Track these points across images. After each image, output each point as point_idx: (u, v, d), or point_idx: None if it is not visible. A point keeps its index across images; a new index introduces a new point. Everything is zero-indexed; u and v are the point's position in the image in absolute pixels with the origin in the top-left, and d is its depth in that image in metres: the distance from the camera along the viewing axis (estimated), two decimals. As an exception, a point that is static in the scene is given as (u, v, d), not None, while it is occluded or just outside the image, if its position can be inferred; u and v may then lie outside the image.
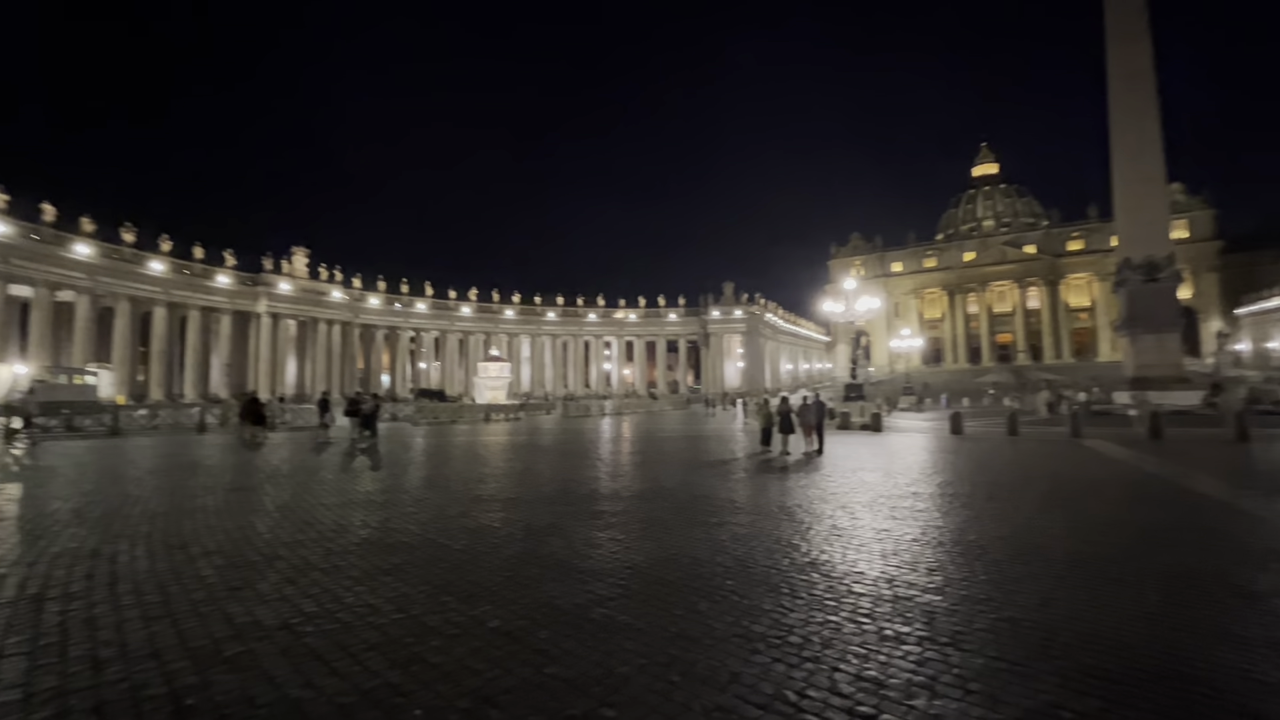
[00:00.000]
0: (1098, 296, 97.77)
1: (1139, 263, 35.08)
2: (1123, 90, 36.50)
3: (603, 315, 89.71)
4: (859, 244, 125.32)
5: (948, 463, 16.16)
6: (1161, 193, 37.65)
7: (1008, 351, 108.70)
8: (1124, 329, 37.16)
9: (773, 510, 9.88)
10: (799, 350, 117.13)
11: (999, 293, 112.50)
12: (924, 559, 6.89)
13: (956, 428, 24.52)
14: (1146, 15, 36.17)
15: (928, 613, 5.22)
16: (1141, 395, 31.39)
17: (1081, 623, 4.97)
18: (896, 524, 8.67)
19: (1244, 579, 6.05)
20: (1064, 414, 30.93)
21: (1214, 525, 8.55)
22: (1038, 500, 10.67)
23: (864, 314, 42.37)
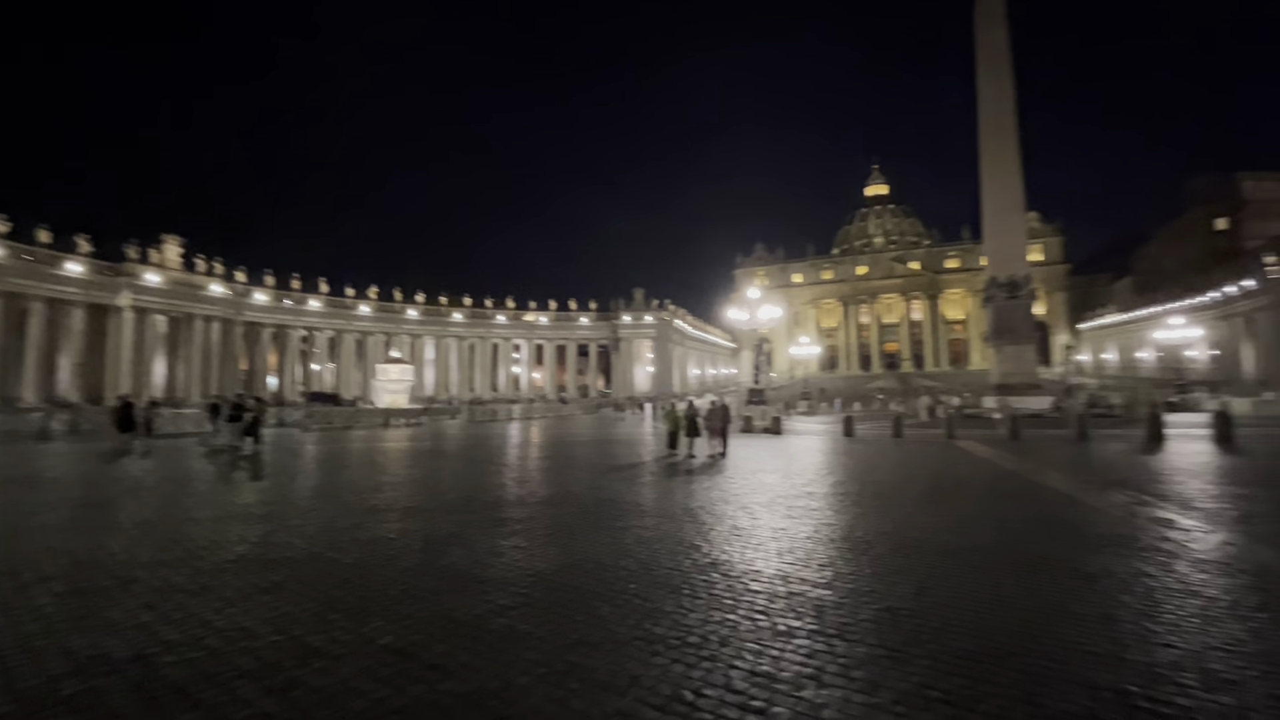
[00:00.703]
0: (970, 310, 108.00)
1: (1003, 281, 39.12)
2: (990, 132, 40.69)
3: (512, 317, 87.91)
4: (763, 255, 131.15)
5: (840, 464, 17.20)
6: (1021, 220, 42.30)
7: (895, 359, 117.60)
8: (991, 340, 41.28)
9: (677, 513, 10.07)
10: (706, 356, 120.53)
11: (887, 305, 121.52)
12: (816, 555, 7.27)
13: (848, 430, 26.15)
14: (1012, 79, 40.49)
15: (818, 606, 5.51)
16: (1004, 400, 34.98)
17: (949, 609, 5.43)
18: (792, 523, 9.10)
19: (1081, 562, 6.86)
20: (941, 417, 33.83)
21: (1059, 516, 9.65)
22: (916, 497, 11.58)
23: (766, 322, 44.25)
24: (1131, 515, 9.34)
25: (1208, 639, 4.74)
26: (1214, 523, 8.75)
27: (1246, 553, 7.19)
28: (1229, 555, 7.08)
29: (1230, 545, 7.54)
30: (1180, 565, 6.71)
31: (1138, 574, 6.42)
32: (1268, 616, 5.20)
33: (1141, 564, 6.77)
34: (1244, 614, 5.28)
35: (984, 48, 41.02)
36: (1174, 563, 6.81)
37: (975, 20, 41.46)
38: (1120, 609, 5.42)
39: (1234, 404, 33.40)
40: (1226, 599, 5.64)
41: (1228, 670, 4.20)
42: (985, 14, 40.97)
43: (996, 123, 40.39)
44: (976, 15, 41.38)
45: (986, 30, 40.93)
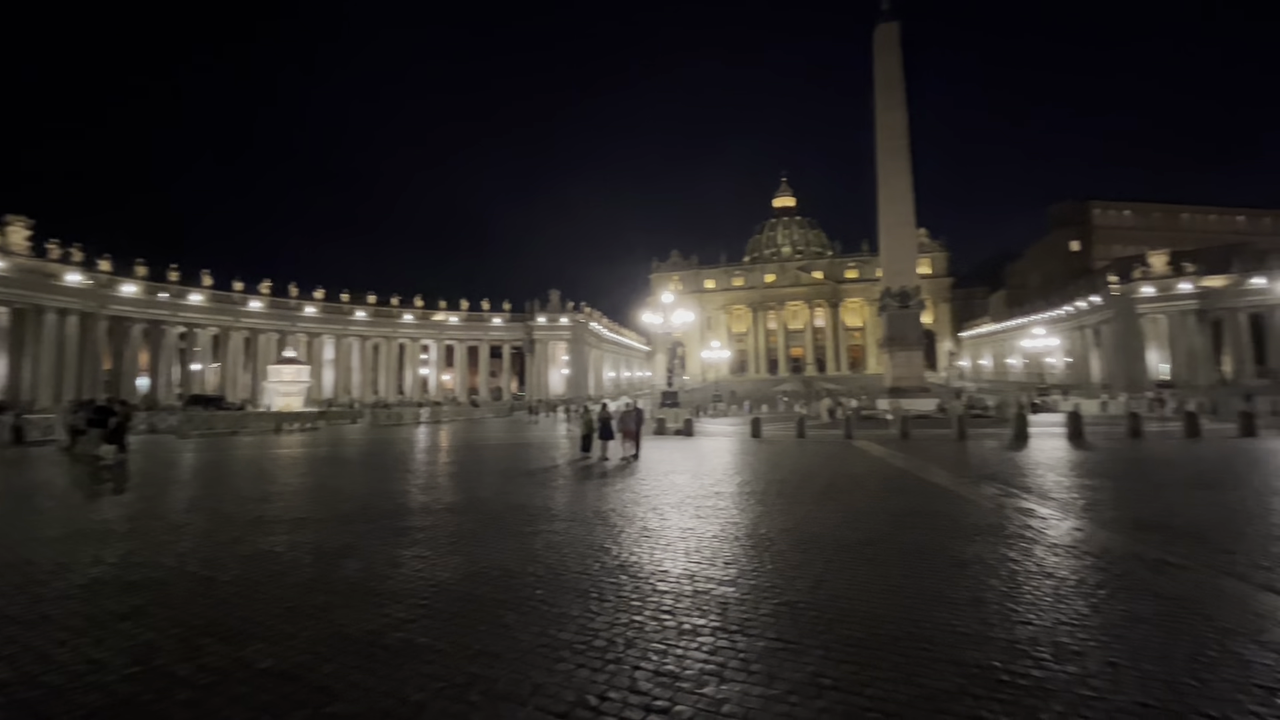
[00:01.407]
0: (868, 318, 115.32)
1: (896, 292, 42.11)
2: (886, 154, 43.77)
3: (421, 317, 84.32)
4: (678, 260, 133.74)
5: (746, 464, 17.80)
6: (912, 236, 45.73)
7: (799, 363, 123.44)
8: (885, 346, 44.28)
9: (588, 516, 10.03)
10: (622, 359, 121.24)
11: (793, 311, 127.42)
12: (722, 554, 7.47)
13: (756, 432, 27.13)
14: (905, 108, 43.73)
15: (722, 604, 5.66)
16: (896, 402, 37.61)
17: (843, 600, 5.75)
18: (700, 522, 9.31)
19: (957, 550, 7.48)
20: (840, 419, 35.84)
21: (940, 509, 10.48)
22: (816, 495, 12.18)
23: (680, 326, 45.17)
24: (1000, 506, 10.29)
25: (1059, 615, 5.30)
26: (1066, 511, 9.82)
27: (1091, 537, 8.11)
28: (1077, 540, 7.96)
29: (1079, 530, 8.48)
30: (1038, 550, 7.46)
31: (1003, 559, 7.07)
32: (1106, 593, 5.89)
33: (1007, 550, 7.47)
34: (1088, 591, 5.95)
35: (881, 77, 44.09)
36: (1033, 548, 7.56)
37: (874, 52, 44.47)
38: (988, 592, 5.95)
39: (1084, 405, 37.73)
40: (1074, 579, 6.33)
41: (1074, 642, 4.72)
42: (882, 47, 44.05)
43: (892, 146, 43.52)
44: (875, 47, 44.41)
45: (883, 62, 44.03)
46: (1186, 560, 6.84)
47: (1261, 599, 5.63)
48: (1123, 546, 7.55)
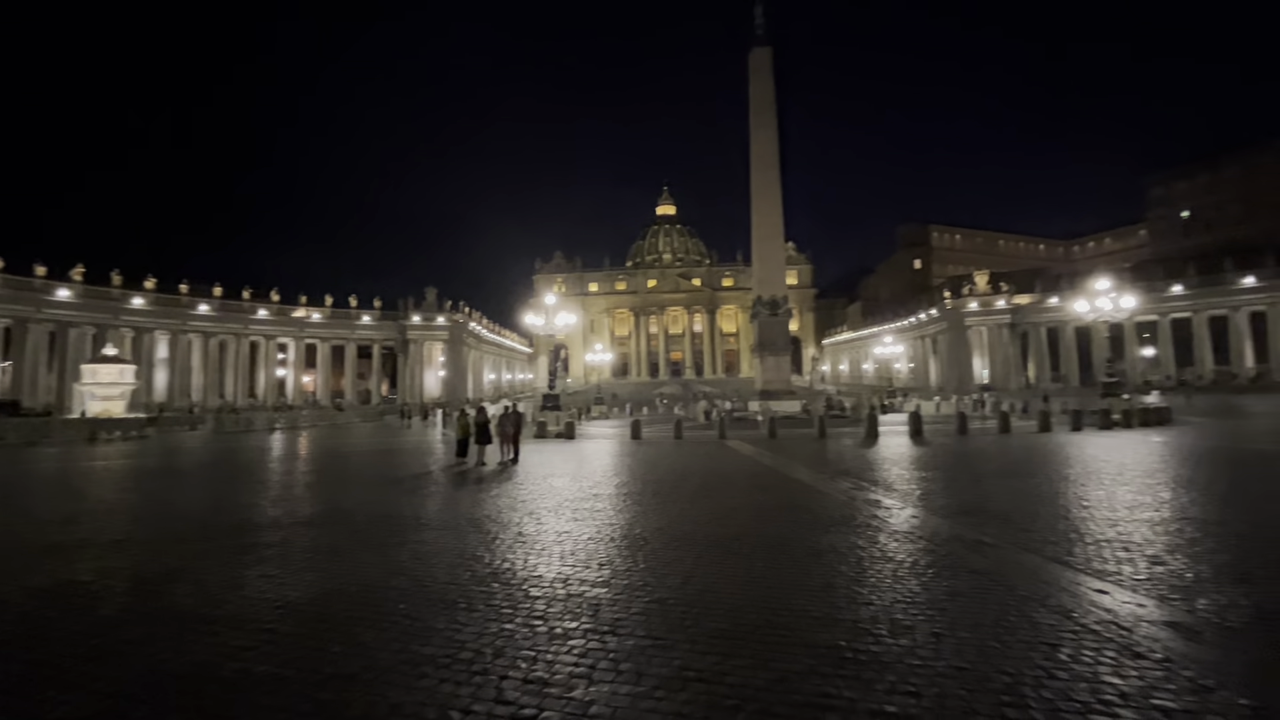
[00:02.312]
0: (741, 324, 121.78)
1: (767, 300, 44.74)
2: (759, 169, 46.48)
3: (277, 313, 76.56)
4: (561, 262, 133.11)
5: (625, 466, 18.06)
6: (782, 248, 48.86)
7: (679, 367, 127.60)
8: (756, 351, 46.93)
9: (461, 523, 9.66)
10: (503, 361, 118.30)
11: (674, 317, 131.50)
12: (597, 555, 7.51)
13: (636, 434, 27.61)
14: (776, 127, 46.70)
15: (594, 605, 5.68)
16: (766, 404, 39.96)
17: (710, 594, 6.00)
18: (577, 525, 9.29)
19: (814, 541, 8.09)
20: (715, 420, 37.47)
21: (801, 502, 11.28)
22: (690, 494, 12.62)
23: (563, 328, 44.91)
24: (851, 499, 11.28)
25: (895, 595, 5.90)
26: (905, 500, 10.97)
27: (925, 523, 9.13)
28: (914, 526, 8.92)
29: (915, 518, 9.50)
30: (882, 537, 8.26)
31: (853, 547, 7.75)
32: (934, 573, 6.65)
33: (856, 539, 8.19)
34: (919, 571, 6.68)
35: (755, 98, 46.81)
36: (878, 536, 8.36)
37: (749, 74, 47.10)
38: (838, 578, 6.49)
39: (923, 406, 42.41)
40: (909, 561, 7.08)
41: (906, 618, 5.27)
42: (756, 70, 46.79)
43: (763, 163, 46.32)
44: (749, 70, 47.06)
45: (757, 83, 46.78)
46: (996, 540, 7.91)
47: (1050, 569, 6.64)
48: (948, 530, 8.57)
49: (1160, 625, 4.95)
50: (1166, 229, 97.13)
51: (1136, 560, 6.80)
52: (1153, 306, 66.92)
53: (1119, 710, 3.69)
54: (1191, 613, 5.22)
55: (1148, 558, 6.88)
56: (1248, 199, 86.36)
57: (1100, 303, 36.03)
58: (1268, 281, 64.04)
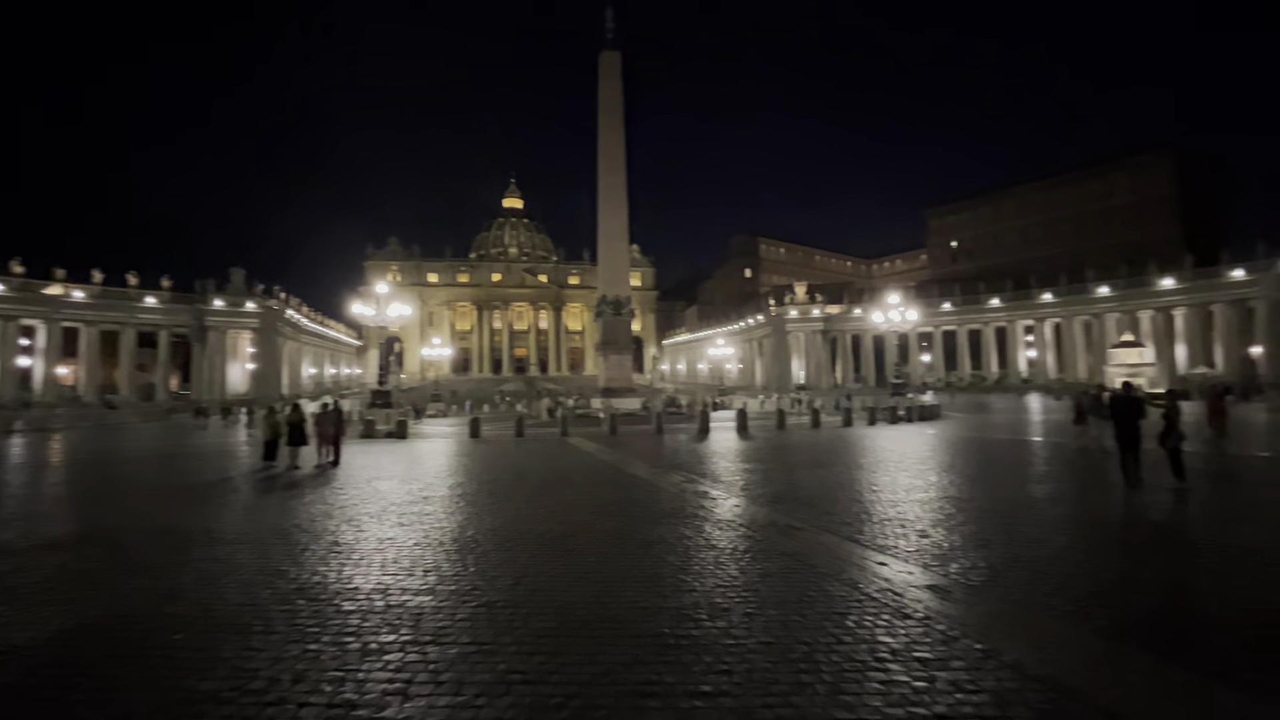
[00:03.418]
0: (587, 323, 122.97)
1: (611, 300, 45.65)
2: (606, 170, 47.26)
3: (20, 289, 61.89)
4: (398, 250, 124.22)
5: (462, 465, 17.33)
6: (626, 249, 50.15)
7: (523, 363, 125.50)
8: (600, 350, 47.70)
9: (264, 535, 8.57)
10: (327, 353, 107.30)
11: (519, 312, 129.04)
12: (423, 562, 7.08)
13: (475, 432, 26.63)
14: (624, 129, 47.82)
15: (416, 615, 5.34)
16: (608, 401, 40.77)
17: (541, 593, 5.94)
18: (403, 530, 8.70)
19: (645, 533, 8.39)
20: (558, 417, 37.42)
21: (636, 497, 11.64)
22: (528, 492, 12.44)
23: (397, 320, 41.87)
24: (682, 491, 11.88)
25: (716, 580, 6.31)
26: (729, 491, 11.81)
27: (745, 511, 9.89)
28: (735, 515, 9.62)
29: (737, 507, 10.26)
30: (707, 526, 8.80)
31: (681, 537, 8.16)
32: (750, 557, 7.22)
33: (684, 529, 8.64)
34: (738, 557, 7.21)
35: (604, 100, 47.54)
36: (704, 525, 8.89)
37: (599, 77, 47.71)
38: (665, 568, 6.79)
39: (749, 404, 46.14)
40: (730, 548, 7.62)
41: (724, 601, 5.66)
42: (606, 73, 47.52)
43: (611, 164, 47.21)
44: (599, 73, 47.67)
45: (606, 86, 47.55)
46: (804, 523, 8.80)
47: (845, 547, 7.54)
48: (765, 517, 9.38)
49: (923, 589, 5.84)
50: (941, 255, 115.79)
51: (909, 535, 7.98)
52: (930, 320, 79.40)
53: (889, 664, 4.28)
54: (946, 576, 6.24)
55: (917, 532, 8.10)
56: (995, 234, 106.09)
57: (891, 315, 41.90)
58: (1006, 303, 79.27)
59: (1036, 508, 9.97)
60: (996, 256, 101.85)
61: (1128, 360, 53.13)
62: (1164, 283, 69.23)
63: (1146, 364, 55.49)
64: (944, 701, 3.77)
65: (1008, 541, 7.60)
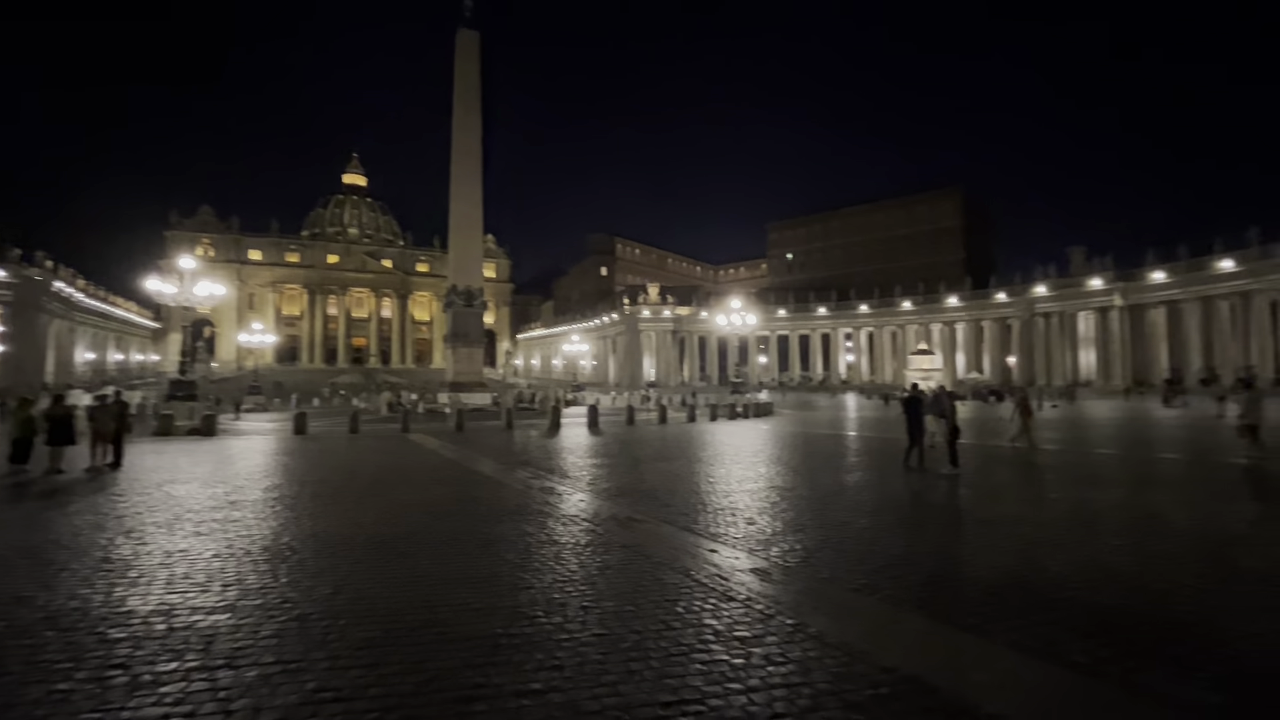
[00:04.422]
0: (436, 314, 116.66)
1: (462, 290, 43.74)
2: (461, 156, 45.16)
3: None
4: (210, 220, 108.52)
5: (282, 465, 15.59)
6: (480, 240, 48.34)
7: (362, 354, 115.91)
8: (449, 342, 45.49)
9: (5, 555, 7.00)
10: (112, 336, 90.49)
11: (358, 299, 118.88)
12: (222, 575, 6.24)
13: (300, 428, 24.09)
14: (480, 114, 45.94)
15: (207, 637, 4.68)
16: (456, 396, 39.04)
17: (364, 601, 5.51)
18: (199, 541, 7.60)
19: (485, 532, 8.14)
20: (400, 413, 35.10)
21: (479, 494, 11.26)
22: (358, 493, 11.51)
23: (207, 300, 36.61)
24: (528, 488, 11.72)
25: (555, 575, 6.29)
26: (575, 486, 11.86)
27: (589, 505, 9.99)
28: (580, 509, 9.68)
29: (582, 501, 10.34)
30: (550, 522, 8.75)
31: (523, 535, 8.03)
32: (591, 550, 7.30)
33: (527, 526, 8.51)
34: (579, 551, 7.25)
35: (460, 82, 45.30)
36: (548, 521, 8.83)
37: (455, 57, 45.35)
38: (503, 566, 6.64)
39: (602, 400, 46.78)
40: (571, 542, 7.64)
41: (561, 596, 5.65)
42: (463, 53, 45.31)
43: (465, 150, 45.16)
44: (456, 53, 45.33)
45: (463, 67, 45.35)
46: (644, 516, 9.10)
47: (681, 537, 7.90)
48: (608, 510, 9.54)
49: (746, 572, 6.31)
50: (778, 265, 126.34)
51: (738, 522, 8.58)
52: (767, 325, 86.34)
53: (712, 645, 4.55)
54: (767, 559, 6.79)
55: (745, 520, 8.74)
56: (825, 250, 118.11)
57: (733, 319, 44.86)
58: (831, 312, 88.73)
59: (845, 494, 11.24)
60: (825, 269, 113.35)
61: (922, 365, 61.94)
62: (950, 301, 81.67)
63: (936, 369, 65.10)
64: (757, 675, 4.09)
65: (820, 525, 8.47)
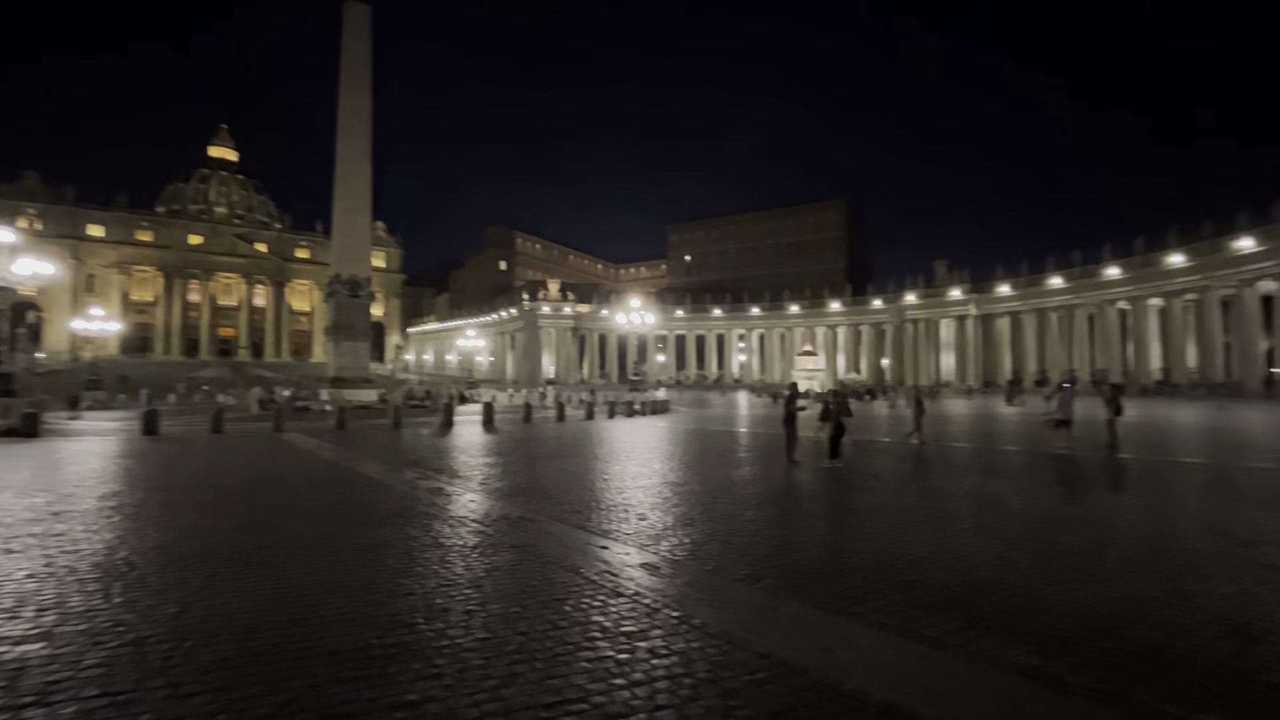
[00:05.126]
0: (317, 304, 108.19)
1: (346, 279, 40.94)
2: (347, 136, 42.20)
3: None
4: (37, 188, 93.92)
5: (125, 470, 13.80)
6: (368, 225, 45.47)
7: (230, 346, 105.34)
8: (331, 335, 42.42)
9: None
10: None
11: (226, 285, 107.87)
12: (39, 598, 5.40)
13: (150, 428, 21.47)
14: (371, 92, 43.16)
15: (13, 672, 4.02)
16: (338, 392, 36.52)
17: (218, 618, 4.98)
18: (8, 559, 6.54)
19: (364, 537, 7.64)
20: (273, 410, 32.24)
21: (360, 497, 10.58)
22: (219, 499, 10.43)
23: (30, 280, 31.73)
24: (414, 489, 11.16)
25: (439, 580, 6.02)
26: (466, 486, 11.46)
27: (479, 506, 9.68)
28: (469, 510, 9.36)
29: (472, 502, 10.00)
30: (437, 524, 8.38)
31: (406, 538, 7.63)
32: (479, 552, 7.07)
33: (411, 529, 8.10)
34: (466, 553, 7.00)
35: (348, 57, 42.26)
36: (434, 523, 8.45)
37: (343, 30, 42.29)
38: (383, 572, 6.26)
39: (498, 397, 45.68)
40: (459, 545, 7.36)
41: (444, 601, 5.42)
42: (352, 26, 42.32)
43: (353, 128, 42.20)
44: (344, 26, 42.27)
45: (351, 41, 42.36)
46: (536, 515, 8.95)
47: (573, 534, 7.85)
48: (499, 511, 9.30)
49: (637, 568, 6.38)
50: (677, 266, 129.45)
51: (630, 518, 8.66)
52: (665, 324, 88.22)
53: (599, 642, 4.55)
54: (657, 554, 6.90)
55: (637, 516, 8.85)
56: (721, 253, 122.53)
57: (633, 318, 45.38)
58: (726, 313, 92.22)
59: (733, 488, 11.68)
60: (721, 272, 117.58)
61: (807, 366, 65.91)
62: (833, 306, 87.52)
63: (820, 369, 69.57)
64: (641, 669, 4.13)
65: (708, 519, 8.75)
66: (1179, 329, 58.65)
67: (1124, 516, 9.25)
